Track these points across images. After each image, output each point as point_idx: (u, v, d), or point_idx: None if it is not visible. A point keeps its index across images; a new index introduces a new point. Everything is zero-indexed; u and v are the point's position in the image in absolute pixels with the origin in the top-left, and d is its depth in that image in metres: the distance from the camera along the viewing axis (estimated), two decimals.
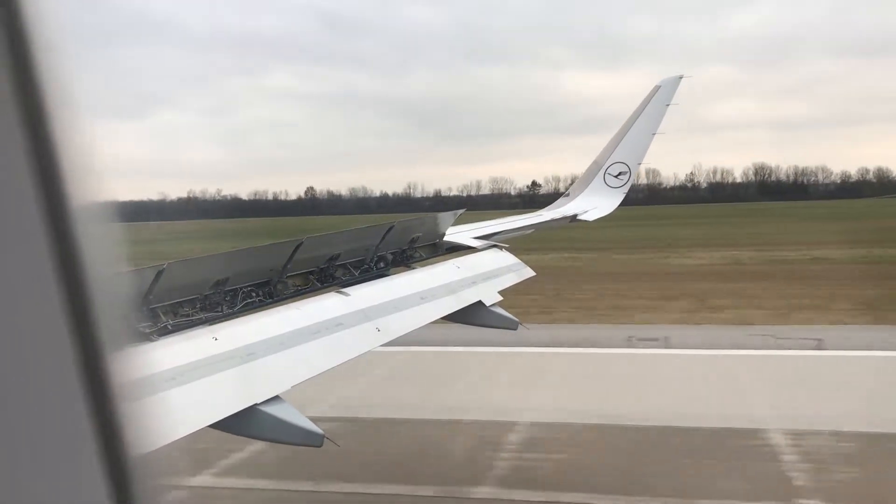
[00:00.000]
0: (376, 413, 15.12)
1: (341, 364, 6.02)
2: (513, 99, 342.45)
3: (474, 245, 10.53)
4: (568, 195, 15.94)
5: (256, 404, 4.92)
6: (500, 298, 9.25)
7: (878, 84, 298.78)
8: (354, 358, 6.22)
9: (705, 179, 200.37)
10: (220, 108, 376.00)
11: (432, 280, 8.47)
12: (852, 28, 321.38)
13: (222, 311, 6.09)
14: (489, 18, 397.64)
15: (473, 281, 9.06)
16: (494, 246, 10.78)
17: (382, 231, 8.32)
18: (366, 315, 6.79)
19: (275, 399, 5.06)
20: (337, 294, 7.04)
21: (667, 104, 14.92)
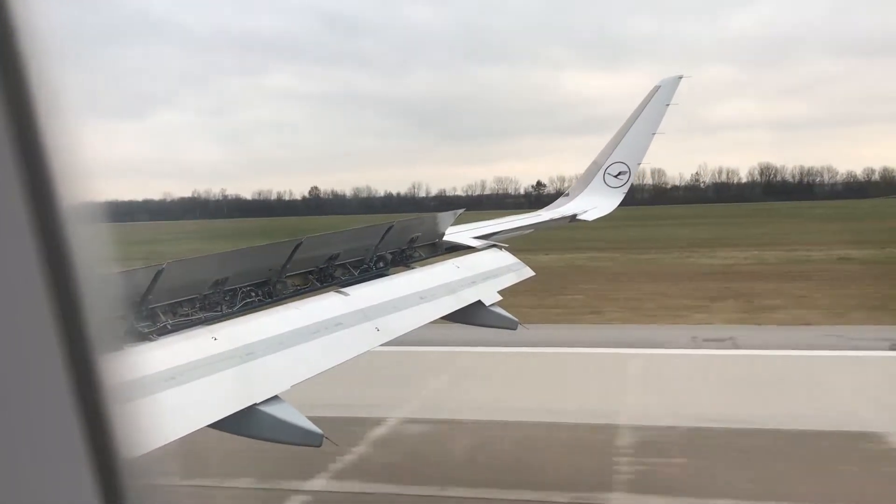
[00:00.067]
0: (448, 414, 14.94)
1: (341, 364, 6.03)
2: (513, 99, 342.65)
3: (474, 245, 10.52)
4: (567, 195, 15.94)
5: (255, 404, 4.92)
6: (500, 298, 9.25)
7: (879, 84, 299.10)
8: (353, 358, 6.23)
9: (711, 179, 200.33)
10: (221, 108, 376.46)
11: (432, 280, 8.46)
12: (852, 28, 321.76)
13: (221, 311, 6.09)
14: (489, 18, 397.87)
15: (473, 281, 9.06)
16: (494, 246, 10.78)
17: (382, 231, 8.31)
18: (365, 315, 6.79)
19: (274, 399, 5.06)
20: (336, 294, 7.04)
21: (666, 104, 14.91)
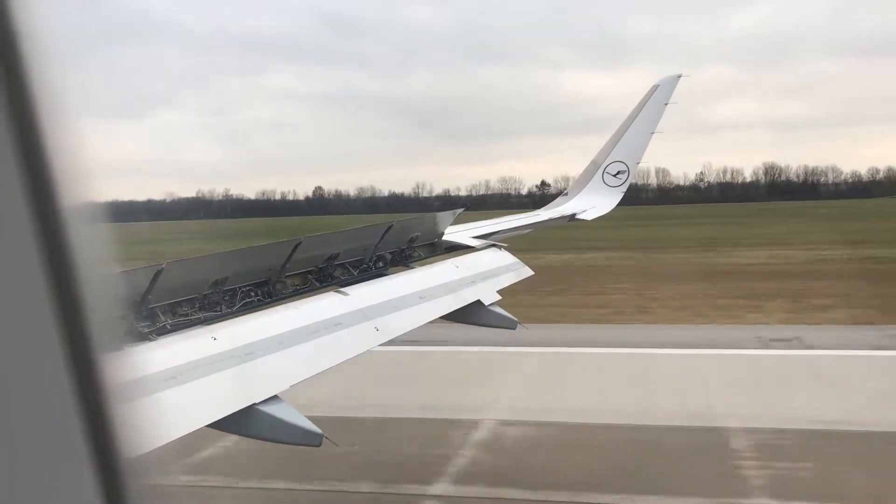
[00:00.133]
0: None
1: (340, 363, 6.03)
2: (513, 99, 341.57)
3: (473, 244, 10.53)
4: (567, 194, 15.95)
5: (255, 404, 4.92)
6: (499, 298, 9.26)
7: (879, 84, 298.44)
8: (353, 357, 6.23)
9: (715, 179, 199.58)
10: (221, 109, 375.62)
11: (431, 279, 8.47)
12: (852, 28, 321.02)
13: (221, 311, 6.09)
14: (489, 18, 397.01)
15: (472, 280, 9.07)
16: (493, 245, 10.79)
17: (381, 231, 8.32)
18: (365, 314, 6.79)
19: (273, 399, 5.06)
20: (336, 294, 7.04)
21: (665, 103, 14.91)
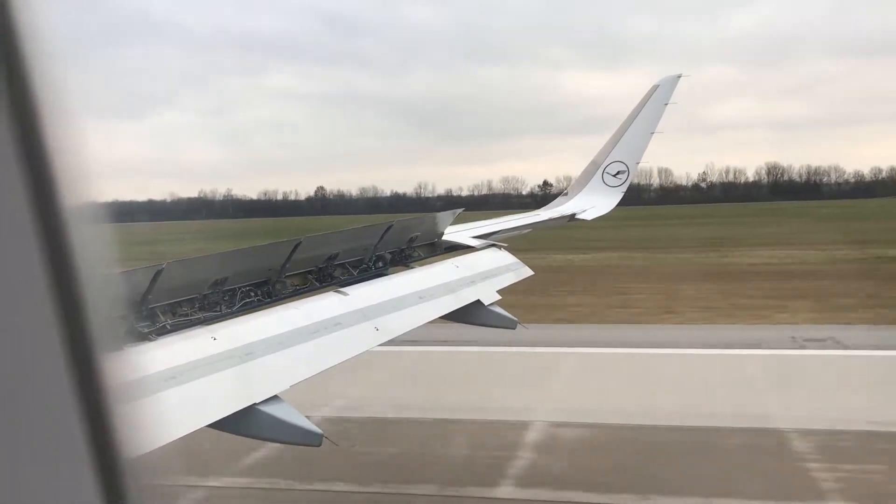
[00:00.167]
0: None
1: (340, 363, 6.03)
2: (513, 99, 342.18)
3: (473, 244, 10.53)
4: (566, 194, 15.96)
5: (255, 404, 4.92)
6: (499, 297, 9.26)
7: (879, 84, 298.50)
8: (353, 357, 6.23)
9: (718, 179, 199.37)
10: (222, 109, 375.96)
11: (431, 279, 8.47)
12: (852, 28, 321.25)
13: (221, 311, 6.09)
14: (489, 18, 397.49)
15: (472, 280, 9.07)
16: (493, 245, 10.79)
17: (381, 230, 8.31)
18: (364, 314, 6.79)
19: (273, 399, 5.06)
20: (335, 293, 7.04)
21: (665, 103, 14.90)
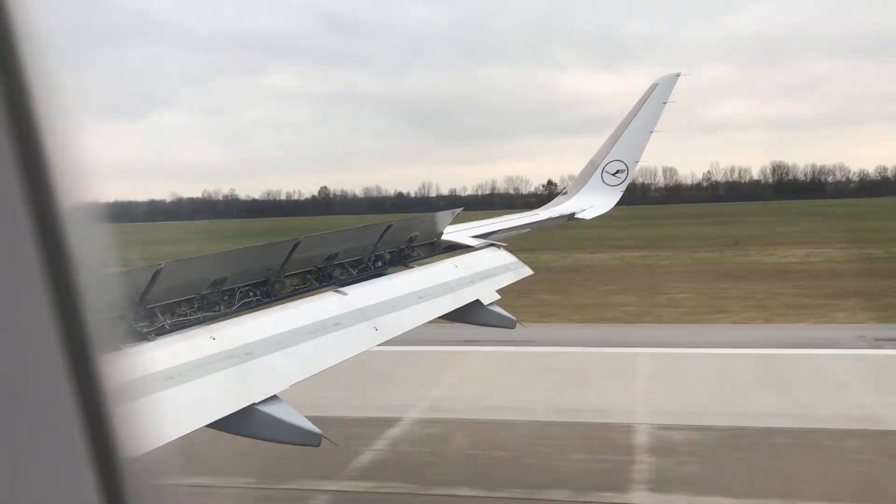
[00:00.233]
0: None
1: (339, 363, 6.02)
2: (513, 99, 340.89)
3: (472, 244, 10.52)
4: (566, 193, 15.96)
5: (254, 404, 4.91)
6: (498, 297, 9.25)
7: (879, 84, 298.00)
8: (352, 357, 6.22)
9: (723, 178, 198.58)
10: (222, 109, 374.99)
11: (430, 279, 8.46)
12: (852, 27, 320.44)
13: (220, 311, 6.08)
14: (489, 18, 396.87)
15: (471, 280, 9.06)
16: (492, 245, 10.78)
17: (380, 230, 8.31)
18: (364, 314, 6.79)
19: (273, 399, 5.05)
20: (335, 293, 7.03)
21: (664, 102, 14.90)
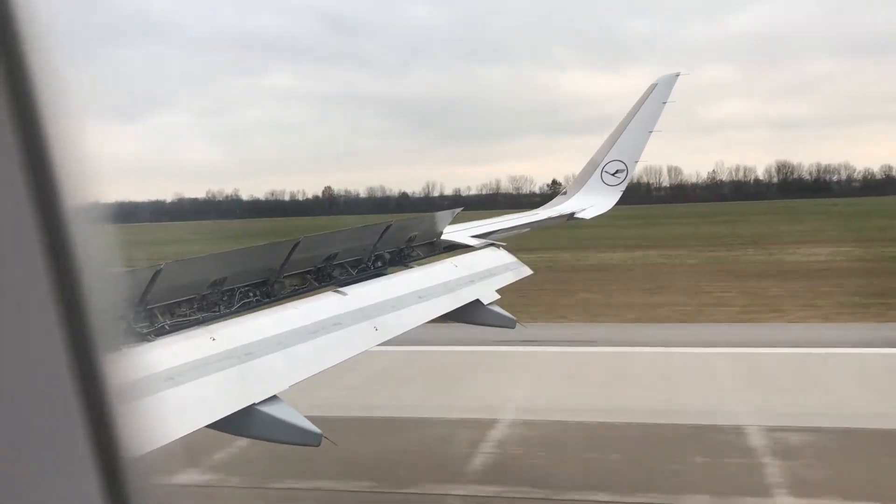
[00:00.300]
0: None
1: (339, 363, 6.03)
2: (513, 99, 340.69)
3: (472, 244, 10.53)
4: (565, 193, 15.96)
5: (254, 404, 4.92)
6: (498, 297, 9.26)
7: (879, 84, 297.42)
8: (352, 357, 6.23)
9: (728, 177, 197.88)
10: (224, 109, 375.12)
11: (430, 279, 8.46)
12: (852, 27, 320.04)
13: (220, 311, 6.08)
14: (489, 18, 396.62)
15: (471, 280, 9.07)
16: (492, 244, 10.79)
17: (380, 230, 8.31)
18: (364, 314, 6.79)
19: (272, 399, 5.05)
20: (334, 293, 7.04)
21: (663, 102, 14.90)
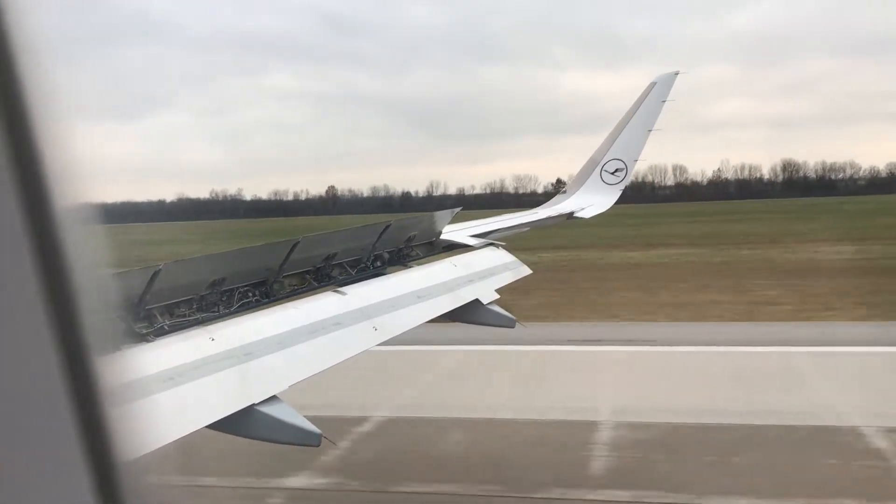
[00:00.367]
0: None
1: (339, 363, 6.03)
2: (514, 98, 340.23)
3: (471, 243, 10.53)
4: (564, 192, 15.96)
5: (254, 404, 4.91)
6: (497, 296, 9.26)
7: (879, 83, 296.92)
8: (352, 357, 6.22)
9: (733, 176, 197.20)
10: (223, 109, 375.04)
11: (429, 279, 8.46)
12: (852, 26, 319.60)
13: (219, 312, 6.08)
14: (489, 18, 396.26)
15: (470, 279, 9.07)
16: (491, 244, 10.79)
17: (379, 230, 8.31)
18: (363, 314, 6.79)
19: (272, 399, 5.05)
20: (334, 293, 7.04)
21: (663, 101, 14.91)
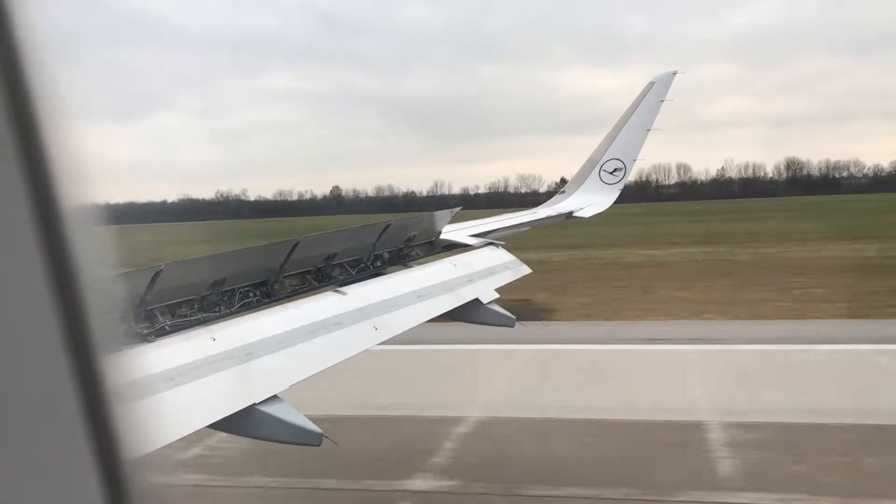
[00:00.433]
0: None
1: (339, 363, 6.04)
2: (513, 98, 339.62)
3: (471, 243, 10.54)
4: (564, 192, 15.99)
5: (255, 404, 4.93)
6: (497, 296, 9.27)
7: (879, 81, 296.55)
8: (352, 357, 6.24)
9: (737, 174, 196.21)
10: (222, 110, 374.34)
11: (429, 278, 8.48)
12: (851, 25, 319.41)
13: (220, 312, 6.09)
14: (489, 18, 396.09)
15: (470, 279, 9.08)
16: (491, 243, 10.80)
17: (379, 230, 8.33)
18: (363, 314, 6.80)
19: (273, 398, 5.07)
20: (334, 293, 7.05)
21: (661, 100, 14.94)
